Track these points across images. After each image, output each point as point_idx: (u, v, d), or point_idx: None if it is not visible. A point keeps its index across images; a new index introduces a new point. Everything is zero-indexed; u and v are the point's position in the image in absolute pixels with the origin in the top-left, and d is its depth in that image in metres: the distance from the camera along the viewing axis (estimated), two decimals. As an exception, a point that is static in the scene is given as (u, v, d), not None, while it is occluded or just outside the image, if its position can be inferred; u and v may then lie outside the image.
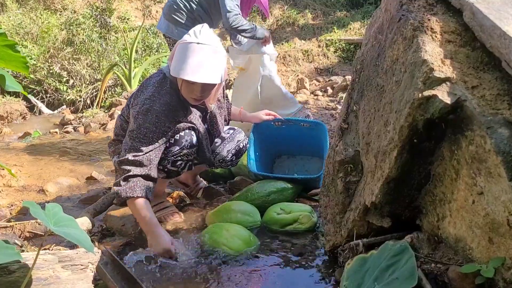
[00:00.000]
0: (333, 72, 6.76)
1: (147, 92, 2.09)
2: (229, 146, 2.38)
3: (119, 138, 2.27)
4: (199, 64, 1.94)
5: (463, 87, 1.24)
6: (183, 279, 1.79)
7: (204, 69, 1.95)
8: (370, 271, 1.41)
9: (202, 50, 1.95)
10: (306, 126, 2.82)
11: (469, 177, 1.24)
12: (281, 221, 2.18)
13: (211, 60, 1.97)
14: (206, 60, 1.96)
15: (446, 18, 1.43)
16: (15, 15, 6.69)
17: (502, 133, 1.13)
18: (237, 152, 2.44)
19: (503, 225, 1.14)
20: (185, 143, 2.11)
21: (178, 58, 1.97)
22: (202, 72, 1.95)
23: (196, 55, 1.94)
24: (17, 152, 3.78)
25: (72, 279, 1.45)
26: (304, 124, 2.84)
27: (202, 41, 1.96)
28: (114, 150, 2.29)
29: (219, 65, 1.99)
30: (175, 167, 2.16)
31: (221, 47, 2.03)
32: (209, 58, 1.96)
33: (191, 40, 1.97)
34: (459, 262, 1.33)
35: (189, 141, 2.12)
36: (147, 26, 6.97)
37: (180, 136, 2.10)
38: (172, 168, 2.15)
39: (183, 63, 1.94)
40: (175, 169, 2.17)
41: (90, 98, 6.14)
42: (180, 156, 2.13)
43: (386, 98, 1.49)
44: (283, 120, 2.78)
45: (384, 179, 1.42)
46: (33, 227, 2.15)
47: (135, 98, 2.12)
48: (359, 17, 8.00)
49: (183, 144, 2.10)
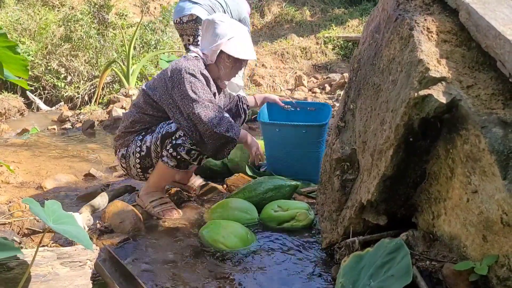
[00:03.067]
0: (331, 70, 6.77)
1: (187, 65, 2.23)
2: None
3: (128, 130, 2.32)
4: (249, 43, 2.37)
5: (459, 87, 1.25)
6: (180, 276, 1.81)
7: (251, 46, 2.38)
8: (366, 268, 1.43)
9: (244, 30, 2.37)
10: (312, 110, 3.01)
11: (463, 175, 1.25)
12: (278, 218, 2.19)
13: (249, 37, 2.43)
14: (249, 38, 2.41)
15: (442, 18, 1.44)
16: (13, 11, 6.66)
17: (496, 133, 1.14)
18: None
19: (496, 223, 1.15)
20: (194, 140, 2.19)
21: (236, 40, 2.28)
22: (252, 49, 2.37)
23: (245, 35, 2.34)
24: (15, 148, 3.78)
25: (71, 276, 1.46)
26: (310, 108, 3.02)
27: (239, 25, 2.39)
28: (122, 142, 2.33)
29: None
30: (188, 156, 2.20)
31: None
32: (249, 35, 2.42)
33: (235, 25, 2.35)
34: (453, 259, 1.34)
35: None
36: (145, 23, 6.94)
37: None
38: (185, 157, 2.20)
39: (242, 45, 2.30)
40: (187, 158, 2.21)
41: (88, 94, 6.12)
42: (196, 145, 2.20)
43: (382, 97, 1.51)
44: (293, 104, 2.96)
45: (380, 177, 1.43)
46: (32, 223, 2.15)
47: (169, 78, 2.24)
48: (357, 15, 8.00)
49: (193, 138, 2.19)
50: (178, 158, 2.20)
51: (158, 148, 2.23)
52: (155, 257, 1.95)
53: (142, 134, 2.29)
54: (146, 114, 2.28)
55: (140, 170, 2.32)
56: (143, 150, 2.26)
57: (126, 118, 2.35)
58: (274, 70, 6.77)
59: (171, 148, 2.19)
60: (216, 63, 2.32)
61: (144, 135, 2.28)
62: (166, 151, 2.21)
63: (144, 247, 2.03)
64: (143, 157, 2.27)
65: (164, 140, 2.21)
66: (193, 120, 2.15)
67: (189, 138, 2.18)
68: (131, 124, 2.31)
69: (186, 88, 2.16)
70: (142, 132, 2.30)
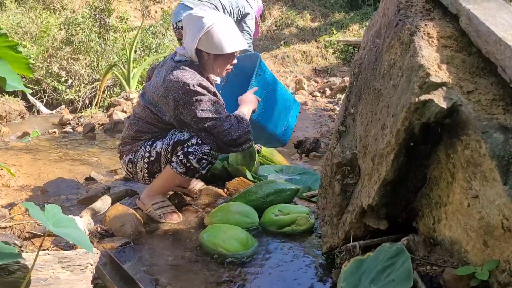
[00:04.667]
0: (331, 73, 6.78)
1: (185, 81, 2.15)
2: None
3: (136, 137, 2.31)
4: (234, 34, 2.21)
5: (459, 92, 1.26)
6: (180, 280, 1.81)
7: (237, 36, 2.24)
8: (367, 273, 1.43)
9: (226, 22, 2.21)
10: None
11: (464, 180, 1.26)
12: (278, 222, 2.19)
13: (235, 27, 2.27)
14: (234, 28, 2.25)
15: (443, 24, 1.45)
16: (14, 14, 6.68)
17: (497, 138, 1.14)
18: None
19: (497, 228, 1.16)
20: (216, 146, 2.22)
21: (211, 34, 2.14)
22: (238, 39, 2.23)
23: (223, 26, 2.17)
24: (16, 151, 3.78)
25: (72, 280, 1.46)
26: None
27: (217, 15, 2.22)
28: (130, 148, 2.32)
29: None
30: (198, 165, 2.20)
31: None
32: (233, 26, 2.26)
33: (209, 18, 2.17)
34: (454, 264, 1.34)
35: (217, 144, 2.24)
36: (146, 26, 6.96)
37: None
38: (195, 165, 2.20)
39: (221, 39, 2.15)
40: (197, 167, 2.21)
41: (89, 98, 6.14)
42: (208, 156, 2.20)
43: (383, 102, 1.51)
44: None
45: (381, 181, 1.44)
46: (32, 227, 2.15)
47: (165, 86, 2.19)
48: (358, 19, 8.02)
49: (214, 145, 2.21)
50: (188, 166, 2.19)
51: (168, 154, 2.23)
52: (155, 261, 1.95)
53: (152, 139, 2.28)
54: (152, 124, 2.28)
55: (147, 175, 2.32)
56: (153, 155, 2.25)
57: (131, 127, 2.33)
58: (275, 74, 6.76)
59: (182, 155, 2.18)
60: (201, 62, 2.26)
61: (154, 140, 2.27)
62: (176, 157, 2.20)
63: (144, 251, 2.03)
64: (152, 162, 2.27)
65: (175, 147, 2.21)
66: (211, 133, 2.19)
67: (204, 146, 2.19)
68: (137, 133, 2.29)
69: (194, 109, 2.14)
70: (152, 138, 2.29)
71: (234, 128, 2.20)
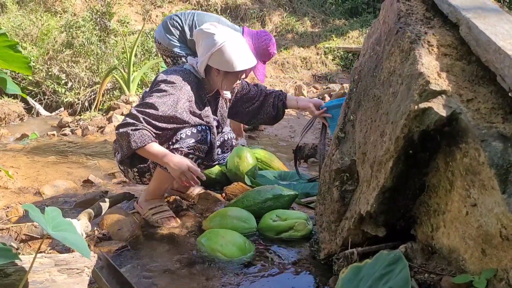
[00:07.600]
0: (331, 80, 6.80)
1: (173, 75, 2.21)
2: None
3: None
4: (244, 52, 2.23)
5: (459, 100, 1.26)
6: (177, 285, 1.80)
7: (247, 54, 2.25)
8: (364, 280, 1.42)
9: (237, 39, 2.21)
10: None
11: (463, 188, 1.26)
12: (276, 228, 2.19)
13: (245, 44, 2.28)
14: (245, 45, 2.26)
15: (443, 32, 1.45)
16: (15, 16, 6.70)
17: (496, 146, 1.15)
18: (222, 144, 2.54)
19: (495, 237, 1.16)
20: (201, 138, 2.18)
21: (225, 55, 2.16)
22: (249, 57, 2.25)
23: (237, 45, 2.20)
24: (14, 153, 3.77)
25: (68, 283, 1.46)
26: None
27: (228, 33, 2.21)
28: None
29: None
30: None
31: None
32: (244, 43, 2.27)
33: (220, 35, 2.18)
34: (452, 272, 1.34)
35: (204, 137, 2.20)
36: (146, 30, 6.98)
37: (197, 130, 2.18)
38: None
39: (232, 57, 2.17)
40: None
41: (88, 101, 6.14)
42: (193, 150, 2.18)
43: (382, 109, 1.51)
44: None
45: (379, 188, 1.44)
46: (30, 229, 2.14)
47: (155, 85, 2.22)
48: (358, 26, 8.06)
49: (198, 138, 2.17)
50: None
51: None
52: (152, 265, 1.94)
53: None
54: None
55: (137, 174, 2.32)
56: None
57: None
58: (274, 80, 6.81)
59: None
60: (208, 77, 2.29)
61: None
62: None
63: (142, 255, 2.03)
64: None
65: (161, 145, 2.20)
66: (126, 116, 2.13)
67: (188, 140, 2.15)
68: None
69: (150, 92, 2.18)
70: None
71: (133, 141, 2.03)
